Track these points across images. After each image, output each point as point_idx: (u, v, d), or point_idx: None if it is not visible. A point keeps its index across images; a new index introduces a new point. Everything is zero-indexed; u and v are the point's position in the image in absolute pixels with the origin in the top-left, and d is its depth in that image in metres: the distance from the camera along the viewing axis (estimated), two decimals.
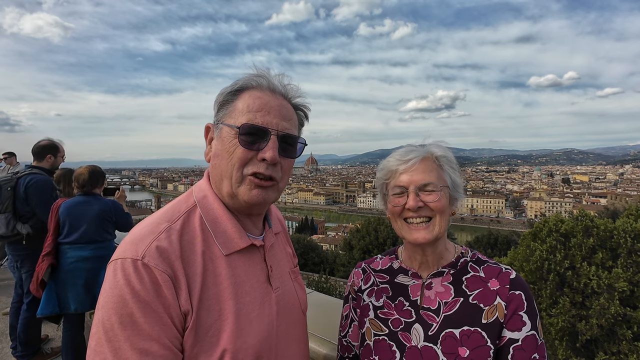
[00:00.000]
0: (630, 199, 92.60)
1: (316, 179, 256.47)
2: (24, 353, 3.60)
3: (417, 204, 1.06)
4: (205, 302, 0.86)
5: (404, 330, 1.10)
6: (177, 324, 0.81)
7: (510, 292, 1.05)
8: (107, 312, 0.78)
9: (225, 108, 0.96)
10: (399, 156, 1.13)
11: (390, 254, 1.30)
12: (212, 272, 0.89)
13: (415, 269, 1.18)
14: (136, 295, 0.78)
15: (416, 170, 1.09)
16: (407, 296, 1.15)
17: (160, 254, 0.83)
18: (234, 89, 0.97)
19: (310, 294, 2.23)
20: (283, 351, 1.00)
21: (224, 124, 0.95)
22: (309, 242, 37.73)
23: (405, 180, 1.09)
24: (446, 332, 1.05)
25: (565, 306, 5.64)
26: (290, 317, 1.06)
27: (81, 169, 3.29)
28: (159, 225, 0.89)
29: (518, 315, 1.03)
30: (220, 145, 0.96)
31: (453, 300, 1.09)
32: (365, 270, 1.29)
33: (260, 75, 0.98)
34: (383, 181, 1.17)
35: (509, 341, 1.01)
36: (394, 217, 1.14)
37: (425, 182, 1.08)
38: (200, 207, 0.96)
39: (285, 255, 1.19)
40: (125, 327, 0.76)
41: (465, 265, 1.14)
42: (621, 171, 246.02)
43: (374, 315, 1.17)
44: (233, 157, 0.93)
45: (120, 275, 0.79)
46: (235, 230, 0.96)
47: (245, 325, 0.90)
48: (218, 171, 0.97)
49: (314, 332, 1.67)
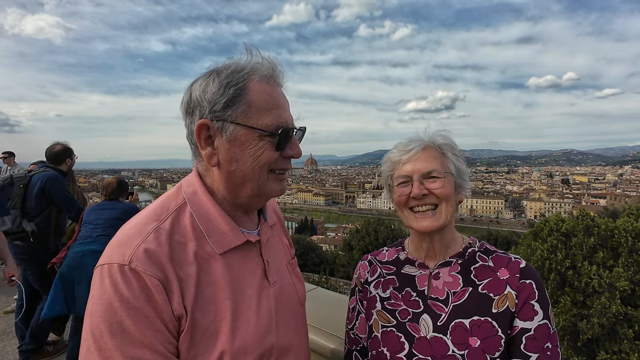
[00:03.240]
0: (629, 199, 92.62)
1: (316, 180, 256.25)
2: (30, 347, 3.59)
3: (422, 191, 1.07)
4: (200, 303, 0.83)
5: (412, 321, 1.09)
6: (170, 329, 0.79)
7: (520, 281, 1.04)
8: (96, 320, 0.75)
9: (235, 105, 0.86)
10: (402, 147, 1.14)
11: (397, 245, 1.30)
12: (206, 273, 0.86)
13: (422, 259, 1.17)
14: (125, 303, 0.75)
15: (419, 159, 1.09)
16: (414, 287, 1.15)
17: (149, 257, 0.79)
18: (242, 82, 0.87)
19: (316, 290, 2.24)
20: (283, 345, 0.97)
21: (240, 124, 0.86)
22: (308, 243, 37.71)
23: (408, 169, 1.10)
24: (456, 322, 1.04)
25: (567, 305, 5.64)
26: (289, 310, 1.04)
27: (110, 179, 3.61)
28: (146, 225, 0.85)
29: (530, 305, 1.01)
30: (238, 149, 0.87)
31: (462, 290, 1.08)
32: (371, 262, 1.29)
33: (263, 63, 0.91)
34: (388, 173, 1.18)
35: (521, 331, 1.00)
36: (400, 207, 1.14)
37: (429, 170, 1.08)
38: (191, 204, 0.91)
39: (282, 247, 1.16)
40: (115, 335, 0.73)
41: (473, 255, 1.14)
42: (620, 172, 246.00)
43: (381, 307, 1.17)
44: (261, 160, 0.88)
45: (108, 282, 0.76)
46: (229, 227, 0.92)
47: (243, 324, 0.88)
48: (239, 176, 0.90)
49: (320, 326, 1.68)
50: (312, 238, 56.07)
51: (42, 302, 3.66)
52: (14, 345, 4.06)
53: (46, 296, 3.38)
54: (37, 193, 3.55)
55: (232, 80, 0.87)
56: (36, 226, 3.57)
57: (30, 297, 3.89)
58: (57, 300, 3.01)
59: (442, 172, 1.09)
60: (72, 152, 3.98)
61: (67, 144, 4.01)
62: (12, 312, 4.78)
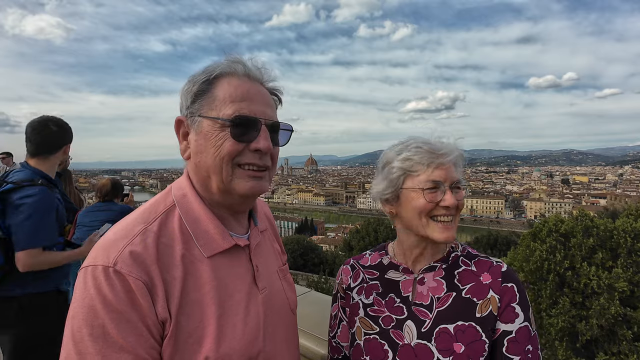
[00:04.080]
0: (629, 199, 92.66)
1: (316, 180, 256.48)
2: None
3: (455, 201, 1.03)
4: (185, 307, 0.82)
5: (396, 327, 1.08)
6: (154, 333, 0.77)
7: (502, 285, 1.05)
8: (78, 323, 0.74)
9: (202, 99, 0.89)
10: (429, 148, 1.06)
11: (380, 249, 1.26)
12: (192, 276, 0.85)
13: (407, 264, 1.15)
14: (108, 305, 0.73)
15: (450, 167, 1.06)
16: (398, 292, 1.13)
17: (134, 259, 0.78)
18: (209, 77, 0.90)
19: (309, 293, 2.22)
20: (272, 353, 0.95)
21: (204, 116, 0.89)
22: (308, 243, 37.68)
23: (441, 175, 1.03)
24: (440, 327, 1.03)
25: (565, 306, 5.62)
26: (278, 317, 1.01)
27: (104, 181, 3.58)
28: (134, 227, 0.85)
29: (511, 307, 1.02)
30: (202, 140, 0.89)
31: (446, 295, 1.07)
32: (354, 266, 1.25)
33: (235, 61, 0.93)
34: (404, 171, 1.06)
35: (503, 333, 1.01)
36: (421, 214, 1.05)
37: (457, 180, 1.06)
38: (179, 206, 0.91)
39: (273, 253, 1.14)
40: (97, 339, 0.72)
41: (457, 259, 1.13)
42: (620, 172, 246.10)
43: (364, 314, 1.14)
44: (221, 151, 0.87)
45: (91, 284, 0.75)
46: (217, 230, 0.91)
47: (229, 330, 0.86)
48: (203, 168, 0.90)
49: (312, 332, 1.65)
50: (312, 238, 56.09)
51: None
52: None
53: None
54: None
55: (201, 77, 0.91)
56: None
57: None
58: None
59: (463, 183, 1.08)
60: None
61: None
62: None
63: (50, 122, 2.34)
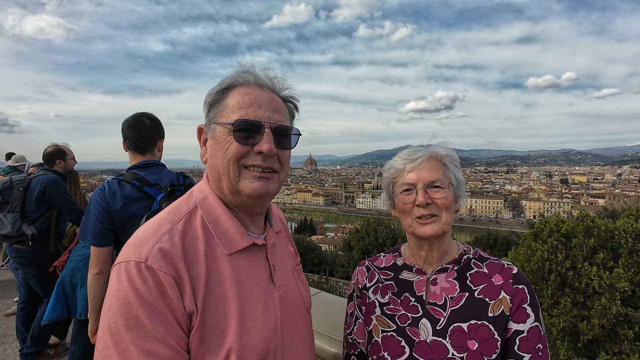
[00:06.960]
0: (628, 199, 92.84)
1: (315, 180, 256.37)
2: (32, 350, 3.58)
3: (427, 200, 1.11)
4: (210, 302, 0.87)
5: (412, 325, 1.13)
6: (182, 325, 0.82)
7: (514, 287, 1.10)
8: (113, 315, 0.78)
9: (216, 107, 0.98)
10: (406, 156, 1.18)
11: (394, 251, 1.33)
12: (215, 272, 0.90)
13: (419, 265, 1.21)
14: (141, 298, 0.78)
15: (423, 168, 1.14)
16: (412, 292, 1.18)
17: (163, 255, 0.83)
18: (222, 88, 0.98)
19: (319, 294, 2.24)
20: (288, 349, 1.00)
21: (216, 123, 0.96)
22: (308, 243, 37.67)
23: (413, 178, 1.14)
24: (454, 326, 1.09)
25: (567, 306, 5.65)
26: (294, 315, 1.06)
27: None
28: (161, 227, 0.90)
29: (522, 308, 1.08)
30: (214, 144, 0.96)
31: (459, 295, 1.13)
32: (369, 267, 1.32)
33: (246, 72, 0.99)
34: (390, 180, 1.22)
35: (515, 332, 1.06)
36: (404, 214, 1.17)
37: (433, 179, 1.13)
38: (201, 207, 0.97)
39: (288, 254, 1.19)
40: (131, 329, 0.76)
41: (469, 261, 1.19)
42: (619, 172, 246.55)
43: (381, 312, 1.20)
44: (228, 153, 0.93)
45: (125, 278, 0.80)
46: (236, 229, 0.97)
47: (250, 324, 0.91)
48: (215, 170, 0.97)
49: (323, 331, 1.68)
50: (311, 238, 56.06)
51: (43, 305, 3.65)
52: (15, 349, 4.06)
53: (47, 299, 3.37)
54: (37, 196, 3.53)
55: (216, 88, 1.00)
56: (36, 229, 3.56)
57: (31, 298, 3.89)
58: (58, 304, 2.96)
59: (445, 182, 1.13)
60: (64, 153, 3.92)
61: (64, 145, 3.98)
62: (13, 314, 4.78)
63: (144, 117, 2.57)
